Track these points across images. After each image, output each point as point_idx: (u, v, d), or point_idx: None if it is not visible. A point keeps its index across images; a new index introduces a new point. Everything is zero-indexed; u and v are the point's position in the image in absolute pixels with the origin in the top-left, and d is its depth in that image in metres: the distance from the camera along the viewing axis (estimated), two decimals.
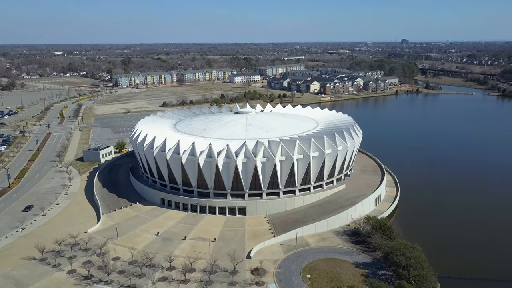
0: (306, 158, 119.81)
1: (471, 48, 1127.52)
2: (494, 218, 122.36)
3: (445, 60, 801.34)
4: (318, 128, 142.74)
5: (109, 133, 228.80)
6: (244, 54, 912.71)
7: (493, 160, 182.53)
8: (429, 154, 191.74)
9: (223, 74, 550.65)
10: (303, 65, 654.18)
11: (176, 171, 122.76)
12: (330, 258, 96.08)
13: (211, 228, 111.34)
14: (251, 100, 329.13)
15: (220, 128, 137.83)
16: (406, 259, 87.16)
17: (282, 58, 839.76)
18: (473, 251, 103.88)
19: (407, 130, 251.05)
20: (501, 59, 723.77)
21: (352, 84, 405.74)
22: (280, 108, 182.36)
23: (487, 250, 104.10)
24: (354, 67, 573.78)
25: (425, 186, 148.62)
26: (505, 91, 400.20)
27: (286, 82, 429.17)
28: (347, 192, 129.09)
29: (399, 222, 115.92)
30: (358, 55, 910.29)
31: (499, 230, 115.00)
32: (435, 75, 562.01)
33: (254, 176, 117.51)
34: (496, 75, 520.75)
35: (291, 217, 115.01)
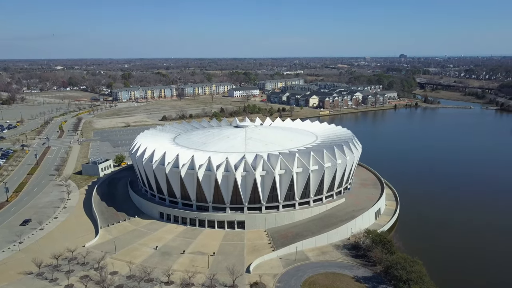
0: (306, 172, 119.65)
1: (469, 62, 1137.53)
2: (494, 231, 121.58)
3: (443, 74, 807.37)
4: (317, 142, 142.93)
5: (108, 147, 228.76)
6: (244, 69, 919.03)
7: (492, 173, 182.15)
8: (428, 168, 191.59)
9: (223, 89, 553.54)
10: (302, 79, 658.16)
11: (175, 184, 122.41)
12: (330, 272, 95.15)
13: (210, 242, 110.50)
14: (251, 114, 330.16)
15: (220, 142, 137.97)
16: (407, 273, 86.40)
17: (281, 72, 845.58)
18: (473, 265, 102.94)
19: (406, 144, 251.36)
20: (498, 74, 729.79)
21: (351, 98, 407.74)
22: (279, 122, 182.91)
23: (487, 263, 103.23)
24: (353, 82, 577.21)
25: (425, 199, 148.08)
26: (503, 105, 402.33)
27: (285, 96, 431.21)
28: (347, 205, 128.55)
29: (399, 236, 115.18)
30: (357, 70, 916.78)
31: (499, 243, 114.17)
32: (434, 89, 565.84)
33: (253, 189, 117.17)
34: (494, 89, 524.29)
35: (291, 231, 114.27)
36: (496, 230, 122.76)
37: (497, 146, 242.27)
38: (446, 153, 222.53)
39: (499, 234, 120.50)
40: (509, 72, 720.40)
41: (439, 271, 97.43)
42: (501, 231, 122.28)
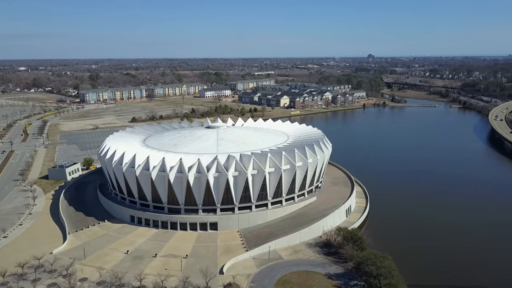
0: (278, 171, 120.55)
1: (433, 63, 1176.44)
2: (459, 226, 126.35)
3: (409, 74, 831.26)
4: (289, 142, 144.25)
5: (76, 150, 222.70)
6: (215, 69, 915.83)
7: (457, 170, 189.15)
8: (396, 165, 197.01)
9: (194, 89, 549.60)
10: (273, 80, 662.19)
11: (146, 187, 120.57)
12: (303, 271, 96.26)
13: (182, 244, 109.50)
14: (222, 114, 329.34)
15: (191, 143, 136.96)
16: (377, 268, 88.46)
17: (252, 73, 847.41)
18: (441, 259, 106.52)
19: (375, 142, 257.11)
20: (461, 73, 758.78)
21: (321, 98, 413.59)
22: (251, 122, 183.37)
23: (454, 258, 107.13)
24: (323, 82, 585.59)
25: (393, 196, 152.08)
26: (465, 103, 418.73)
27: (257, 97, 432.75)
28: (318, 204, 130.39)
29: (370, 232, 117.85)
30: (327, 70, 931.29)
31: (465, 237, 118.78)
32: (400, 88, 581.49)
33: (226, 190, 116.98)
34: (457, 88, 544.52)
35: (264, 231, 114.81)
36: (461, 224, 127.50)
37: (461, 143, 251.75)
38: (413, 150, 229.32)
39: (464, 228, 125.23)
40: (471, 72, 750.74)
41: (408, 265, 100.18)
42: (466, 226, 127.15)
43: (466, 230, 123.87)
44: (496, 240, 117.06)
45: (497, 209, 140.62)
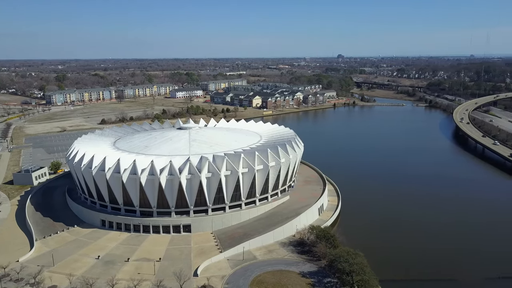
0: (251, 172, 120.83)
1: (400, 62, 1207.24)
2: (428, 221, 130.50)
3: (377, 74, 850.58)
4: (262, 142, 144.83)
5: (43, 154, 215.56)
6: (186, 69, 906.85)
7: (425, 167, 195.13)
8: (367, 163, 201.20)
9: (165, 90, 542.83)
10: (245, 80, 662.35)
11: (117, 190, 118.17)
12: (277, 270, 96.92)
13: (155, 247, 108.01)
14: (194, 115, 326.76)
15: (163, 145, 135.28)
16: (350, 265, 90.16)
17: (224, 73, 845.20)
18: (411, 254, 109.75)
19: (345, 141, 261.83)
20: (426, 73, 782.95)
21: (292, 98, 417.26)
22: (224, 123, 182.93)
23: (423, 252, 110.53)
24: (294, 82, 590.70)
25: (364, 193, 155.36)
26: (431, 102, 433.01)
27: (229, 97, 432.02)
28: (292, 203, 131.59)
29: (342, 230, 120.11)
30: (298, 70, 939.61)
31: (434, 232, 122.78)
32: (369, 88, 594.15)
33: (199, 192, 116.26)
34: (423, 87, 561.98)
35: (238, 232, 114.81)
36: (430, 221, 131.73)
37: (428, 140, 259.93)
38: (382, 148, 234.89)
39: (432, 224, 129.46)
40: (436, 72, 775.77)
41: (379, 261, 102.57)
42: (435, 221, 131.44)
43: (435, 225, 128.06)
44: (464, 235, 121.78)
45: (464, 205, 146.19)
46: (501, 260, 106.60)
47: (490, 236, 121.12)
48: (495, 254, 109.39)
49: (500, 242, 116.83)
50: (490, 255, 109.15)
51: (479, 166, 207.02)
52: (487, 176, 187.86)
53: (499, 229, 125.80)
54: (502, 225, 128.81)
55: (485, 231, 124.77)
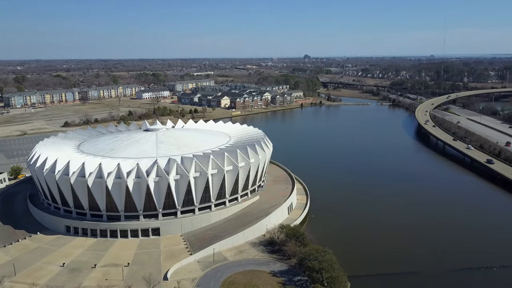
0: (221, 173, 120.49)
1: (365, 63, 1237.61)
2: (394, 217, 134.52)
3: (343, 74, 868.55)
4: (231, 142, 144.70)
5: (2, 159, 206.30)
6: (152, 70, 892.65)
7: (390, 164, 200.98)
8: (334, 162, 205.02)
9: (130, 91, 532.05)
10: (212, 80, 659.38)
11: (82, 195, 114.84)
12: (248, 270, 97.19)
13: (123, 252, 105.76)
14: (161, 116, 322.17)
15: (129, 147, 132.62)
16: (319, 263, 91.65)
17: (191, 73, 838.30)
18: (378, 249, 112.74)
19: (313, 140, 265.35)
20: (390, 73, 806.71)
21: (260, 98, 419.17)
22: (192, 124, 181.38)
23: (390, 247, 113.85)
24: (262, 82, 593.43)
25: (332, 191, 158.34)
26: (394, 101, 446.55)
27: (197, 98, 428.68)
28: (261, 203, 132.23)
29: (311, 228, 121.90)
30: (265, 70, 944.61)
31: (399, 227, 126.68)
32: (335, 87, 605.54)
33: (168, 194, 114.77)
34: (386, 87, 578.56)
35: (208, 233, 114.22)
36: (395, 216, 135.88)
37: (393, 138, 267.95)
38: (349, 147, 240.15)
39: (398, 219, 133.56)
40: (398, 71, 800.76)
41: (348, 257, 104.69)
42: (400, 216, 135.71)
43: (399, 221, 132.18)
44: (428, 229, 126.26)
45: (428, 200, 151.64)
46: (462, 252, 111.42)
47: (453, 229, 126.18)
48: (456, 247, 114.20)
49: (461, 235, 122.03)
50: (452, 247, 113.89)
51: (441, 162, 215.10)
52: (449, 172, 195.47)
53: (462, 222, 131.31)
54: (464, 219, 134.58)
55: (448, 225, 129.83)
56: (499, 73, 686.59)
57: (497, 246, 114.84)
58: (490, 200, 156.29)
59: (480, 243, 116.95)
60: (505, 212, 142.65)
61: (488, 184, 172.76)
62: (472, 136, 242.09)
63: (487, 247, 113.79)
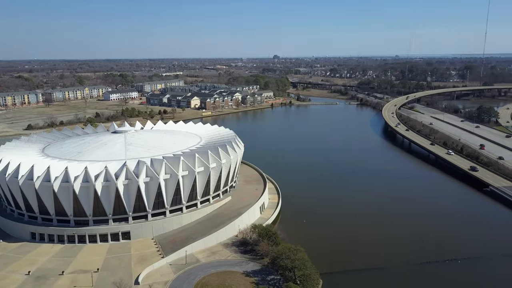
0: (192, 174, 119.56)
1: (333, 63, 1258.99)
2: (363, 214, 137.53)
3: (312, 74, 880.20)
4: (202, 143, 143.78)
5: None
6: (120, 70, 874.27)
7: (359, 162, 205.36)
8: (305, 160, 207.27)
9: (97, 92, 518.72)
10: (182, 80, 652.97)
11: (47, 200, 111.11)
12: (221, 271, 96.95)
13: (92, 258, 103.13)
14: (130, 117, 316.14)
15: (97, 150, 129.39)
16: (291, 261, 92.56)
17: (160, 74, 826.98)
18: (348, 246, 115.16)
19: (284, 139, 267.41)
20: (357, 72, 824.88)
21: (231, 98, 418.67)
22: (162, 125, 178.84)
23: (359, 243, 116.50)
24: (232, 82, 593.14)
25: (303, 190, 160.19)
26: (362, 100, 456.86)
27: (166, 98, 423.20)
28: (233, 203, 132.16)
29: (283, 227, 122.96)
30: (235, 71, 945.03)
31: (367, 224, 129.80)
32: (305, 87, 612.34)
33: (138, 197, 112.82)
34: (354, 86, 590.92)
35: (180, 236, 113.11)
36: (364, 213, 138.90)
37: (361, 137, 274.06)
38: (319, 146, 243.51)
39: (367, 216, 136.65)
40: (365, 71, 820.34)
41: (319, 255, 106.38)
42: (369, 213, 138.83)
43: (370, 217, 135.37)
44: (396, 225, 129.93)
45: (395, 196, 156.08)
46: (428, 246, 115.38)
47: (419, 223, 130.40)
48: (423, 241, 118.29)
49: (427, 228, 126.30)
50: (419, 241, 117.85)
51: (408, 159, 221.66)
52: (415, 169, 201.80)
53: (427, 216, 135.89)
54: (429, 212, 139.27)
55: (415, 219, 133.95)
56: (460, 73, 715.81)
57: (461, 239, 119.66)
58: (455, 194, 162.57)
59: (444, 236, 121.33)
60: (468, 205, 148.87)
61: (450, 178, 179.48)
62: (436, 134, 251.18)
63: (451, 240, 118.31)
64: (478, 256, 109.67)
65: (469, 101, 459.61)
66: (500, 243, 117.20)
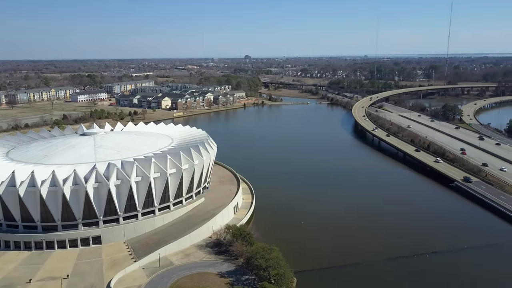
0: (164, 176, 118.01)
1: (303, 63, 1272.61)
2: (333, 212, 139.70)
3: (283, 74, 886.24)
4: (174, 144, 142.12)
5: None
6: (88, 71, 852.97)
7: (331, 160, 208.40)
8: (277, 160, 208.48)
9: (64, 93, 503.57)
10: (152, 81, 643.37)
11: (12, 206, 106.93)
12: (195, 273, 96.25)
13: (62, 264, 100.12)
14: (99, 119, 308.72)
15: (65, 153, 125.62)
16: (266, 261, 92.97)
17: (129, 74, 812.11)
18: (321, 243, 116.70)
19: (257, 139, 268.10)
20: (327, 72, 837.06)
21: (203, 99, 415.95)
22: (132, 126, 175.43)
23: (331, 241, 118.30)
24: (204, 82, 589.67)
25: (276, 189, 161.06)
26: (332, 100, 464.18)
27: (136, 99, 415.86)
28: (207, 204, 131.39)
29: (257, 227, 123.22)
30: (206, 71, 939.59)
31: (339, 221, 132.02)
32: (276, 88, 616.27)
33: (109, 201, 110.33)
34: (324, 86, 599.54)
35: (152, 239, 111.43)
36: (336, 211, 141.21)
37: (332, 135, 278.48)
38: (291, 145, 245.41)
39: (339, 213, 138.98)
40: (335, 71, 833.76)
41: (293, 253, 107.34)
42: (341, 211, 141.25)
43: (343, 214, 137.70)
44: (367, 221, 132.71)
45: (366, 193, 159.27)
46: (399, 241, 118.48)
47: (391, 220, 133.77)
48: (393, 237, 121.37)
49: (398, 225, 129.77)
50: (390, 237, 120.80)
51: (377, 157, 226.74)
52: (386, 165, 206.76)
53: (398, 213, 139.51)
54: (399, 210, 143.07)
55: (387, 216, 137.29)
56: (426, 72, 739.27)
57: (429, 234, 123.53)
58: (423, 190, 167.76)
59: (414, 231, 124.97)
60: (435, 201, 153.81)
61: (418, 175, 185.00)
62: (404, 132, 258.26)
63: (421, 235, 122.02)
64: (446, 250, 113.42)
65: (435, 99, 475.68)
66: (466, 236, 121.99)
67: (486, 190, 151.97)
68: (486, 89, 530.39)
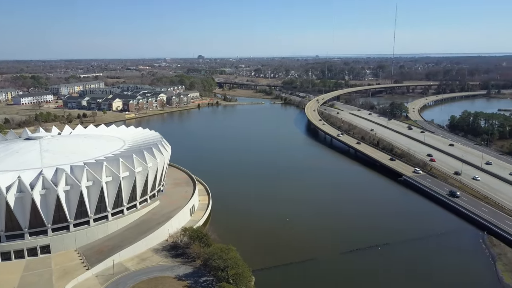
0: (116, 180, 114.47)
1: (257, 63, 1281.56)
2: (288, 211, 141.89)
3: (237, 74, 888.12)
4: (126, 147, 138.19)
5: None
6: (31, 72, 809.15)
7: (286, 159, 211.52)
8: (233, 160, 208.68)
9: (6, 96, 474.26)
10: (102, 82, 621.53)
11: None
12: (152, 278, 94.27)
13: (6, 277, 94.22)
14: (45, 122, 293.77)
15: (7, 158, 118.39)
16: (223, 261, 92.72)
17: (77, 75, 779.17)
18: (279, 241, 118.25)
19: (212, 140, 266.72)
20: (280, 72, 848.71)
21: (155, 99, 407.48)
22: (81, 129, 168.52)
23: (289, 238, 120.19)
24: (156, 83, 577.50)
25: (232, 189, 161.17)
26: (286, 99, 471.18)
27: (85, 101, 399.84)
28: (162, 207, 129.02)
29: (214, 228, 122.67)
30: (159, 71, 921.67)
31: (295, 217, 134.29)
32: (231, 88, 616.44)
33: (57, 207, 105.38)
34: (278, 86, 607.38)
35: (106, 245, 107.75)
36: (293, 208, 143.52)
37: (286, 134, 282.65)
38: (246, 145, 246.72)
39: (295, 210, 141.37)
40: (288, 71, 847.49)
41: (251, 252, 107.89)
42: (297, 208, 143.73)
43: (297, 211, 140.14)
44: (322, 217, 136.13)
45: (322, 190, 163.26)
46: (353, 235, 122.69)
47: (346, 214, 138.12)
48: (347, 230, 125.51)
49: (352, 219, 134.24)
50: (344, 232, 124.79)
51: (330, 154, 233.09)
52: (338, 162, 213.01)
53: (352, 208, 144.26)
54: (353, 204, 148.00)
55: (341, 211, 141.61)
56: (374, 71, 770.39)
57: (380, 226, 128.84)
58: (374, 184, 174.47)
59: (367, 224, 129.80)
60: (385, 194, 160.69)
61: (370, 170, 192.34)
62: (355, 129, 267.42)
63: (374, 228, 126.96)
64: (396, 241, 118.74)
65: (383, 97, 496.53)
66: (413, 227, 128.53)
67: (431, 183, 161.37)
68: (429, 87, 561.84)
